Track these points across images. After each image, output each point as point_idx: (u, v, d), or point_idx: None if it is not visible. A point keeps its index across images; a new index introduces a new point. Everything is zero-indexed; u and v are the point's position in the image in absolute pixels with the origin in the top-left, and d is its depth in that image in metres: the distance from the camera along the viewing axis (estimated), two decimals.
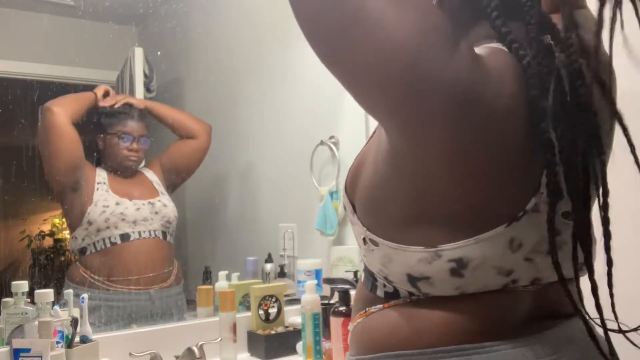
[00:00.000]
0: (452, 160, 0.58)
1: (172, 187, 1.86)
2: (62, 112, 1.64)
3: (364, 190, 0.67)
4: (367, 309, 0.70)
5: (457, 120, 0.56)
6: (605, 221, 0.62)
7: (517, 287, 0.63)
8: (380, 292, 0.69)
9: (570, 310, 0.67)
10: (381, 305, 0.68)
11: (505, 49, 0.63)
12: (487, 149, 0.58)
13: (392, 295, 0.67)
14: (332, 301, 1.65)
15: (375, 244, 0.66)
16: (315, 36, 0.59)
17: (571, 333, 0.65)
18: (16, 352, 1.12)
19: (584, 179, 0.60)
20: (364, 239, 0.68)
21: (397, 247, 0.63)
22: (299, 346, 1.54)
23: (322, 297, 1.62)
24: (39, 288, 1.33)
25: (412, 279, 0.63)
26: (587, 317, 0.62)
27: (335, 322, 1.38)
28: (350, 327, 0.74)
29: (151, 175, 1.84)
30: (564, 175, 0.59)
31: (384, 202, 0.64)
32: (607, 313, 0.62)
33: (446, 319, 0.62)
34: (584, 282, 0.62)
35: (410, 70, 0.54)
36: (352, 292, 1.49)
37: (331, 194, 1.91)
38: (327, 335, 1.48)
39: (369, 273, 0.70)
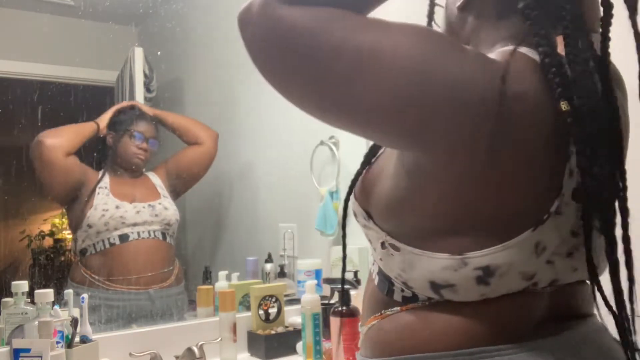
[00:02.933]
0: (475, 170, 0.57)
1: (176, 193, 1.87)
2: (55, 146, 1.60)
3: (384, 200, 0.66)
4: (382, 311, 0.69)
5: (478, 127, 0.55)
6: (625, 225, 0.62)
7: (535, 289, 0.63)
8: (397, 297, 0.68)
9: (584, 311, 0.68)
10: (398, 308, 0.67)
11: (524, 50, 0.62)
12: (510, 153, 0.57)
13: (410, 299, 0.67)
14: (332, 301, 1.65)
15: (396, 249, 0.65)
16: (319, 101, 0.58)
17: (587, 334, 0.65)
18: (16, 352, 1.12)
19: (610, 186, 0.60)
20: (383, 244, 0.67)
21: (420, 253, 0.62)
22: (299, 346, 1.54)
23: (322, 297, 1.62)
24: (39, 288, 1.33)
25: (435, 286, 0.62)
26: (621, 317, 0.61)
27: (335, 322, 1.38)
28: (363, 329, 0.73)
29: (155, 179, 1.84)
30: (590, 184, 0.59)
31: (408, 213, 0.63)
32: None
33: (465, 322, 0.62)
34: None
35: (422, 92, 0.54)
36: (353, 293, 1.49)
37: (331, 194, 1.91)
38: (327, 335, 1.48)
39: (384, 277, 0.69)
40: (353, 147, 1.90)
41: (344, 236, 0.79)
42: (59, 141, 1.61)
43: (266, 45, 0.57)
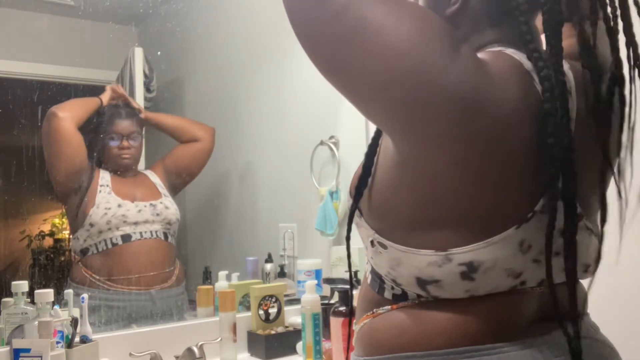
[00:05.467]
0: (458, 164, 0.58)
1: (174, 189, 1.86)
2: (67, 117, 1.63)
3: (372, 195, 0.67)
4: (374, 310, 0.70)
5: (460, 125, 0.56)
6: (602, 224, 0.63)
7: (525, 289, 0.63)
8: (388, 294, 0.68)
9: (580, 310, 0.68)
10: (389, 307, 0.68)
11: (509, 52, 0.63)
12: (493, 151, 0.58)
13: (401, 298, 0.67)
14: (332, 301, 1.65)
15: (384, 246, 0.65)
16: (316, 50, 0.59)
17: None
18: (16, 352, 1.12)
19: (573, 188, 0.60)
20: (372, 242, 0.67)
21: (406, 251, 0.63)
22: (299, 346, 1.54)
23: (322, 297, 1.62)
24: (39, 288, 1.33)
25: (422, 282, 0.63)
26: (566, 323, 0.60)
27: (335, 322, 1.38)
28: (356, 327, 0.74)
29: (154, 178, 1.84)
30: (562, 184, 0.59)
31: (393, 205, 0.64)
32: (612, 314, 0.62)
33: (455, 320, 0.62)
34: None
35: (410, 76, 0.55)
36: (353, 292, 1.49)
37: (331, 194, 1.91)
38: (327, 335, 1.48)
39: (376, 275, 0.70)
40: (353, 147, 1.90)
41: (348, 237, 0.78)
42: (70, 113, 1.65)
43: None
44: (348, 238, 0.75)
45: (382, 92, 0.57)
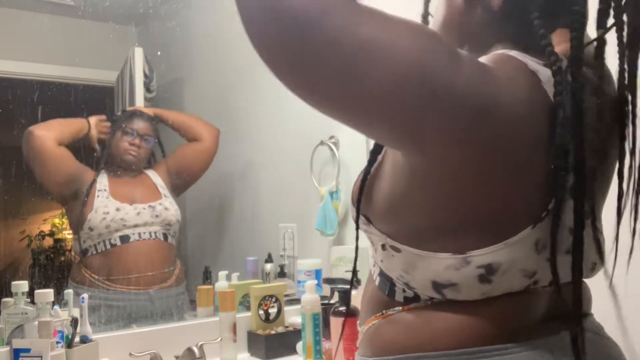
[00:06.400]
0: (472, 170, 0.58)
1: (177, 190, 1.86)
2: (45, 135, 1.62)
3: (382, 203, 0.66)
4: (384, 311, 0.69)
5: (470, 131, 0.56)
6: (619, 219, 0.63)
7: (536, 288, 0.64)
8: (399, 297, 0.68)
9: (585, 310, 0.68)
10: (400, 308, 0.68)
11: (513, 54, 0.63)
12: (504, 155, 0.58)
13: (412, 300, 0.67)
14: (332, 301, 1.65)
15: (397, 250, 0.65)
16: (316, 86, 0.57)
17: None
18: (16, 352, 1.12)
19: (584, 183, 0.60)
20: (383, 246, 0.67)
21: (423, 254, 0.63)
22: (299, 346, 1.54)
23: (322, 297, 1.62)
24: (39, 288, 1.33)
25: (437, 286, 0.63)
26: (578, 321, 0.61)
27: (335, 322, 1.38)
28: (363, 328, 0.73)
29: (155, 178, 1.84)
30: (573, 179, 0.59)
31: (406, 213, 0.63)
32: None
33: (467, 321, 0.62)
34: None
35: (420, 89, 0.54)
36: (353, 293, 1.49)
37: (331, 194, 1.91)
38: (327, 335, 1.48)
39: (386, 278, 0.70)
40: (353, 147, 1.90)
41: (357, 242, 0.77)
42: (48, 131, 1.63)
43: (265, 28, 0.56)
44: (357, 238, 0.75)
45: (392, 111, 0.55)
